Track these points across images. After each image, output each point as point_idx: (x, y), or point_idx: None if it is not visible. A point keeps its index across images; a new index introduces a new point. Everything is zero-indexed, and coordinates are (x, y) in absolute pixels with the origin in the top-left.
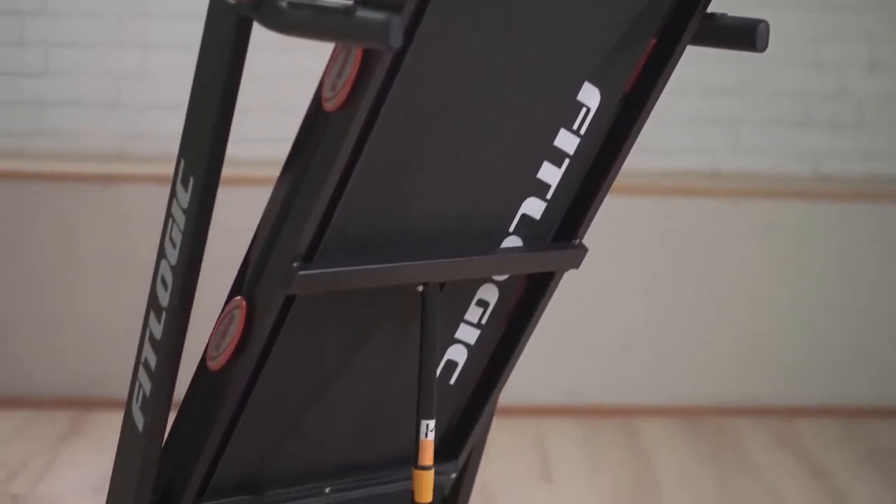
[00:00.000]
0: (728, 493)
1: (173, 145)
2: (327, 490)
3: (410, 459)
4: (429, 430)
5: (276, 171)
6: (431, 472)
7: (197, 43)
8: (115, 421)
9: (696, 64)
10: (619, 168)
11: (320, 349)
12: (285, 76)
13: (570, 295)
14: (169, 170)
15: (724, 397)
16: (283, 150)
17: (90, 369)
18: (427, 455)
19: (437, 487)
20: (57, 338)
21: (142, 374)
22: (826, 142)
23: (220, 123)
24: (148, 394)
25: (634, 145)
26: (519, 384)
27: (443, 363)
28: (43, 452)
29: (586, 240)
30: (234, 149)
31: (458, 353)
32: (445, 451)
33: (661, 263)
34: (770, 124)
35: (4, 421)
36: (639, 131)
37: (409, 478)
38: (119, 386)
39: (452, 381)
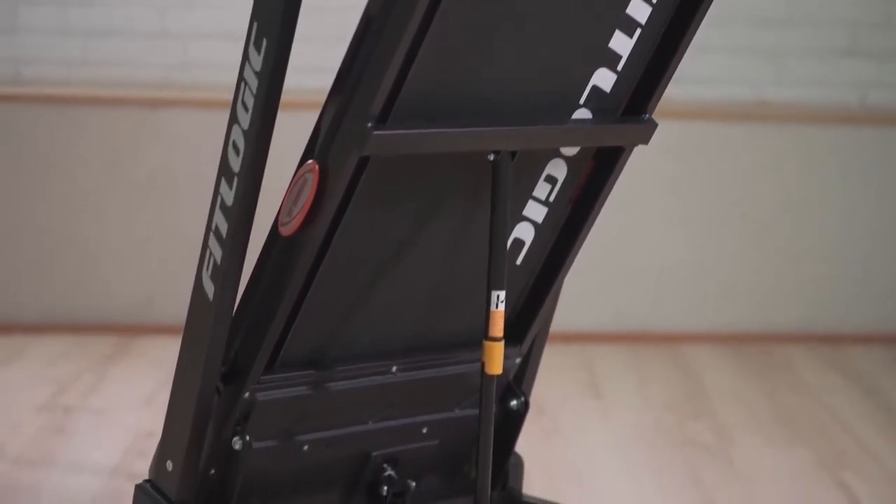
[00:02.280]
0: (781, 409)
1: (219, 74)
2: (394, 369)
3: (478, 341)
4: (499, 301)
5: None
6: (501, 344)
7: None
8: (161, 344)
9: None
10: (689, 41)
11: (391, 219)
12: (333, 6)
13: (614, 221)
14: (216, 96)
15: (770, 323)
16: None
17: (135, 295)
18: (497, 326)
19: (503, 372)
20: (102, 263)
21: (212, 241)
22: (873, 71)
23: None
24: (218, 261)
25: (677, 76)
26: (564, 311)
27: (511, 241)
28: (91, 371)
29: (631, 162)
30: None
31: (525, 232)
32: (511, 335)
33: (706, 188)
34: (816, 54)
35: (51, 345)
36: (710, 4)
37: (477, 360)
38: (164, 312)
39: (519, 261)
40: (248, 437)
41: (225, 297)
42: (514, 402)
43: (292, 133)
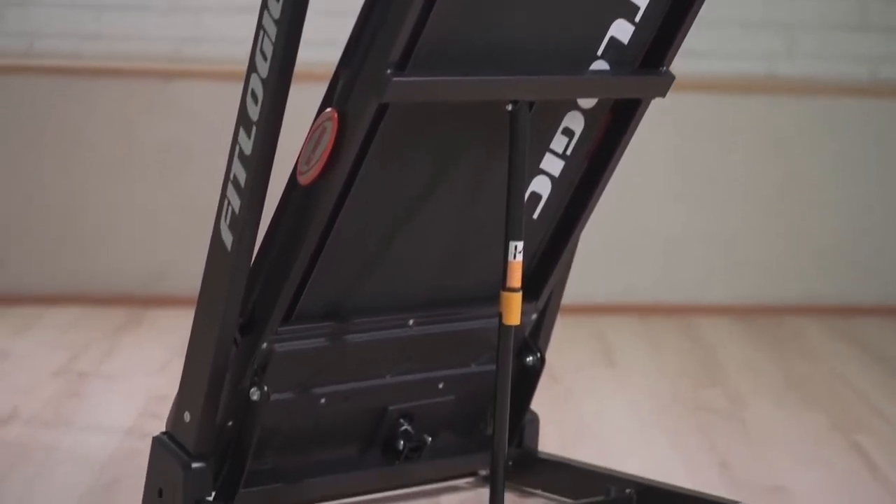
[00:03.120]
0: (793, 377)
1: (230, 48)
2: (411, 322)
3: (495, 296)
4: (517, 252)
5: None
6: (519, 295)
7: None
8: (174, 315)
9: None
10: None
11: (409, 169)
12: None
13: (625, 193)
14: (229, 68)
15: (780, 296)
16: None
17: (148, 267)
18: (515, 277)
19: (518, 329)
20: (114, 235)
21: (230, 191)
22: (884, 46)
23: None
24: (236, 211)
25: (688, 50)
26: (575, 283)
27: (528, 195)
28: (104, 339)
29: (642, 134)
30: None
31: (542, 186)
32: (527, 290)
33: (717, 160)
34: (827, 28)
35: (64, 315)
36: None
37: (494, 315)
38: (177, 284)
39: (536, 216)
40: (265, 388)
41: (243, 247)
42: (529, 358)
43: (304, 106)
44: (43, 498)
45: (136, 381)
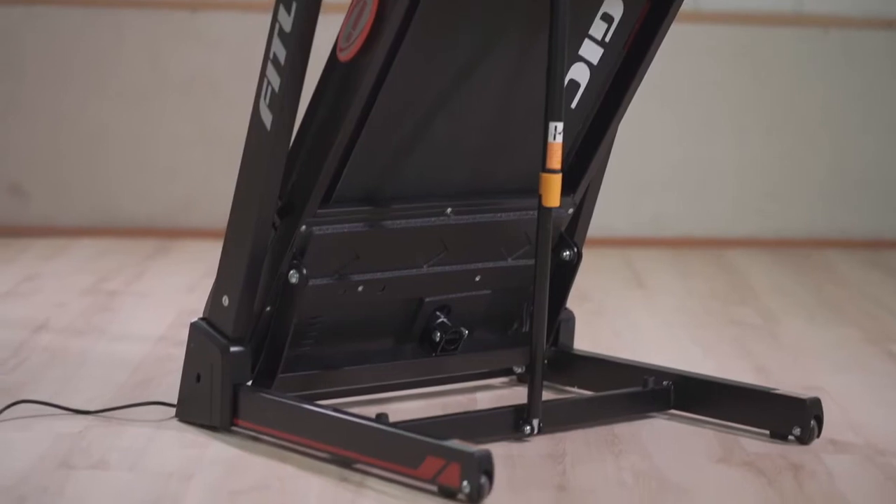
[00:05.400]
0: (825, 298)
1: None
2: (448, 211)
3: (534, 190)
4: (557, 133)
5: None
6: (559, 176)
7: None
8: (200, 246)
9: None
10: None
11: (449, 50)
12: None
13: (655, 125)
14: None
15: (809, 229)
16: None
17: (176, 198)
18: (555, 158)
19: (555, 222)
20: (141, 167)
21: (270, 70)
22: None
23: None
24: (276, 89)
25: None
26: (602, 216)
27: (567, 82)
28: (134, 265)
29: (667, 66)
30: None
31: (580, 73)
32: (564, 184)
33: (747, 92)
34: None
35: (93, 245)
36: None
37: (532, 208)
38: (202, 215)
39: (574, 105)
40: (304, 272)
41: (283, 126)
42: (566, 253)
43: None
44: (76, 393)
45: (166, 297)
